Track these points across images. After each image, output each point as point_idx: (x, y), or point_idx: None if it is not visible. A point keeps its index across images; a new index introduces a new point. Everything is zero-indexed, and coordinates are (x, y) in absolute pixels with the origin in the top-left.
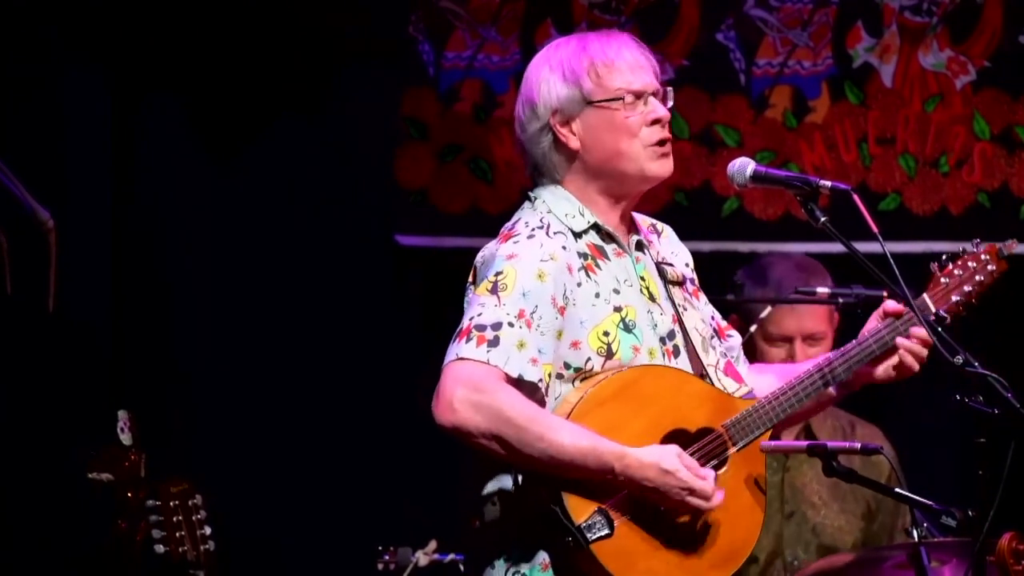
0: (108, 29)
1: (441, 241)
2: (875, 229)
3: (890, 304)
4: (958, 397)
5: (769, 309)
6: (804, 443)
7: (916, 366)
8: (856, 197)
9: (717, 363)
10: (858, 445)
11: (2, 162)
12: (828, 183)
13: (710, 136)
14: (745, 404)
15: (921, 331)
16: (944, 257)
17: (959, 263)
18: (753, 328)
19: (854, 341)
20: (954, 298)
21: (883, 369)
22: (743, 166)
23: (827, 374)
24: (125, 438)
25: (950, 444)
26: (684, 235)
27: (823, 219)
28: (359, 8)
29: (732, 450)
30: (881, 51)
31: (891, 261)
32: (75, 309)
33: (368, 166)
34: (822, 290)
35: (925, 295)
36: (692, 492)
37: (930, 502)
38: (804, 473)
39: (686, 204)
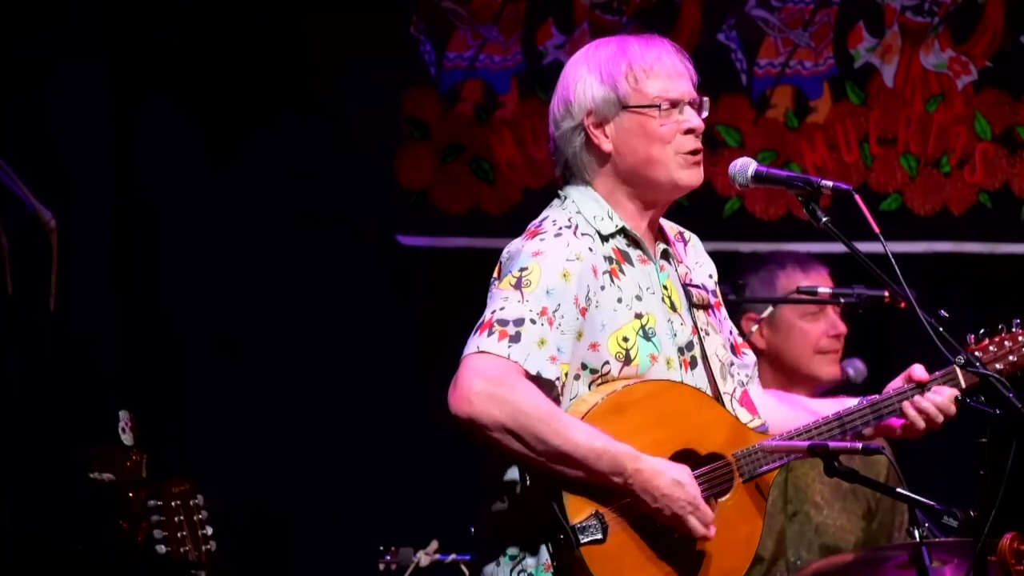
0: (108, 28)
1: (442, 241)
2: (876, 229)
3: (916, 370)
4: (960, 397)
5: (771, 309)
6: (806, 443)
7: (936, 426)
8: (857, 197)
9: (734, 391)
10: (859, 445)
11: (4, 162)
12: (829, 183)
13: (711, 136)
14: (759, 438)
15: (940, 398)
16: (981, 331)
17: (996, 339)
18: (762, 313)
19: (877, 396)
20: None
21: (902, 427)
22: (744, 166)
23: (845, 423)
24: (126, 438)
25: (951, 444)
26: None
27: (824, 219)
28: (360, 8)
29: (738, 480)
30: (882, 51)
31: (893, 261)
32: (77, 309)
33: (369, 166)
34: (823, 290)
35: (955, 366)
36: (696, 510)
37: (932, 502)
38: (807, 473)
39: (687, 204)
